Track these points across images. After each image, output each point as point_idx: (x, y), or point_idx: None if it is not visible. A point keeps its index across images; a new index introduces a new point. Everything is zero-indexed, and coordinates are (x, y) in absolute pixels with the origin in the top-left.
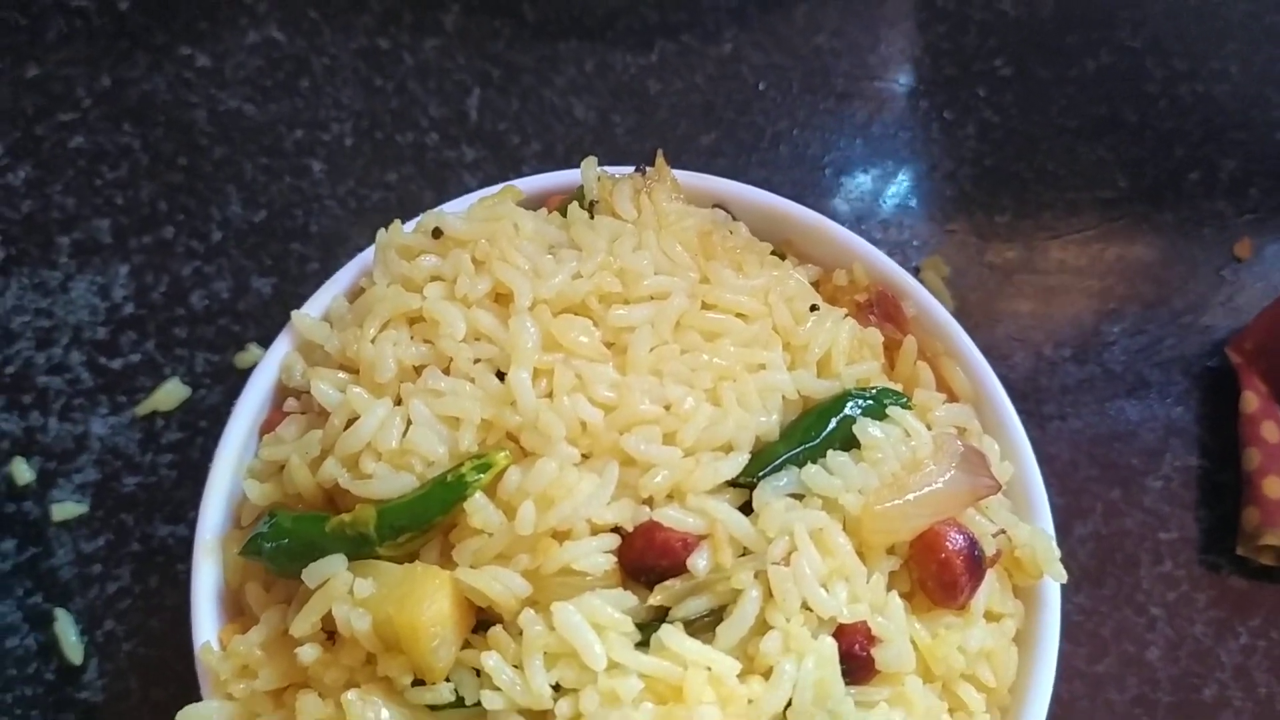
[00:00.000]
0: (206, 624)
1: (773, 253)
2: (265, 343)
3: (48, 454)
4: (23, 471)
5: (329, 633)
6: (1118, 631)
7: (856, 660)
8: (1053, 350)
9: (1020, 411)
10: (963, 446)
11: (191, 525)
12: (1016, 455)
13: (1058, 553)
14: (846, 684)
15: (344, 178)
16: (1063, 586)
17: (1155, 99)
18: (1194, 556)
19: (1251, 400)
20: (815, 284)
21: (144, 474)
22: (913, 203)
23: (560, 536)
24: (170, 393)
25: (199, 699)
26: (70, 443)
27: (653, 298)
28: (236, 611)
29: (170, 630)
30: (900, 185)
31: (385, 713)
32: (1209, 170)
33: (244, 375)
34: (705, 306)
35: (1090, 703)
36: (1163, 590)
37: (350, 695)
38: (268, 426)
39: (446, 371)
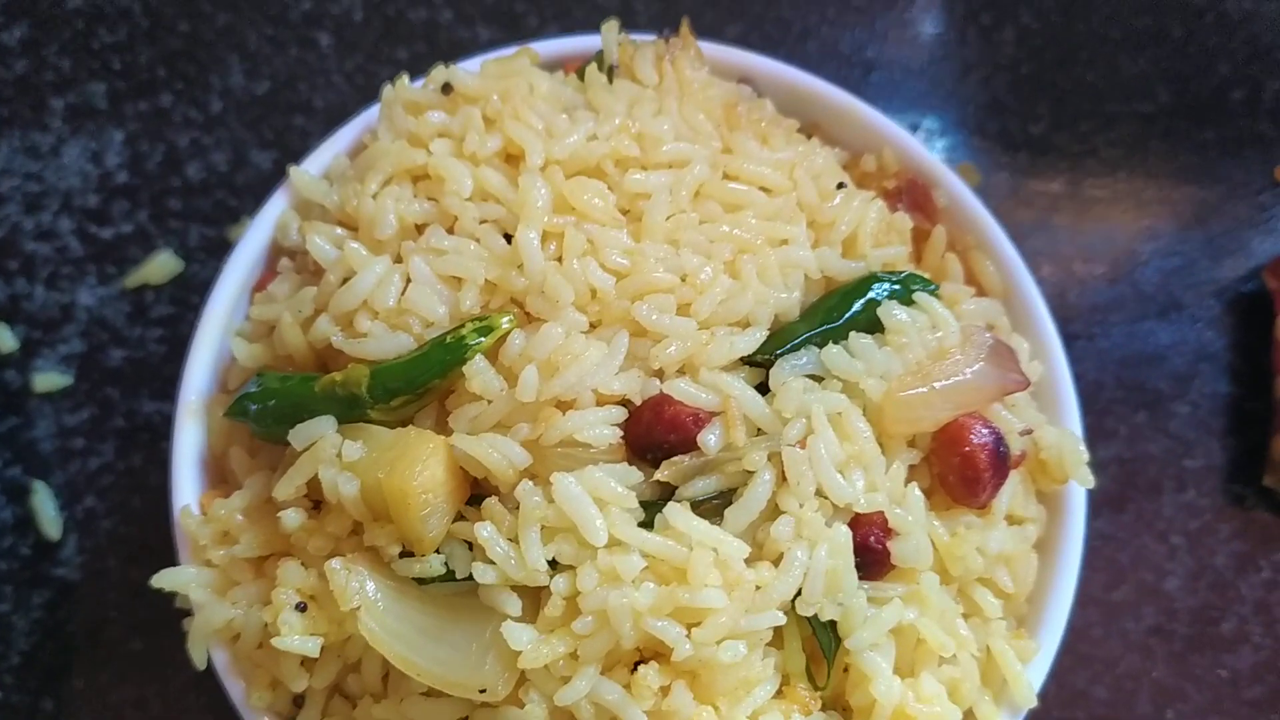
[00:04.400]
0: (187, 488)
1: (799, 130)
2: None
3: (32, 322)
4: (5, 339)
5: (315, 502)
6: (1136, 559)
7: (871, 553)
8: (1083, 267)
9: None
10: (992, 339)
11: None
12: (1047, 355)
13: (1086, 456)
14: (860, 578)
15: (352, 52)
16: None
17: (1201, 13)
18: (1219, 486)
19: None
20: (842, 169)
21: (131, 348)
22: (944, 108)
23: (564, 406)
24: (162, 265)
25: None
26: (56, 312)
27: (672, 165)
28: (219, 480)
29: (153, 509)
30: (932, 90)
31: (370, 584)
32: (1253, 90)
33: None
34: (727, 177)
35: (1104, 630)
36: (1185, 519)
37: (334, 564)
38: (260, 288)
39: (451, 231)
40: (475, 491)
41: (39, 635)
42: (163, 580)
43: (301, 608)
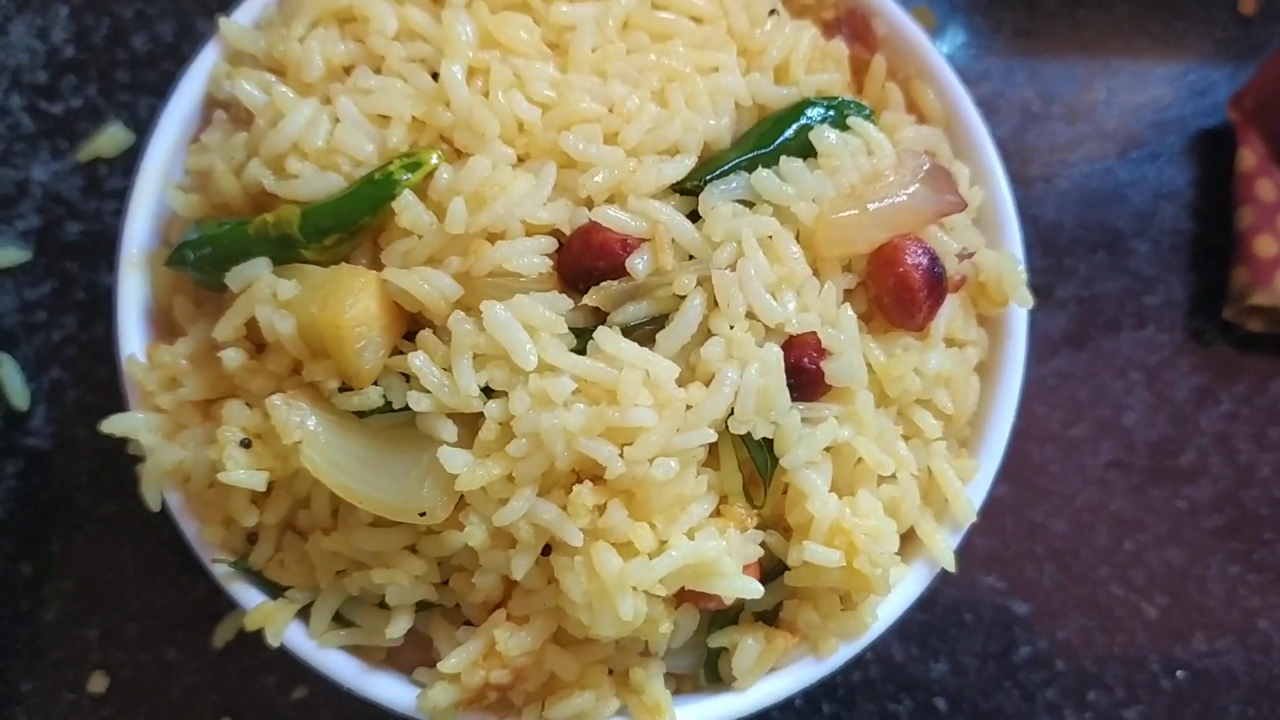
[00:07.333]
0: (133, 338)
1: None
2: None
3: None
4: None
5: (259, 346)
6: (1095, 396)
7: (805, 373)
8: (1041, 107)
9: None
10: (928, 162)
11: None
12: (987, 180)
13: (1024, 276)
14: (794, 399)
15: None
16: (1040, 350)
17: None
18: (1179, 321)
19: (1247, 157)
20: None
21: (88, 221)
22: None
23: (493, 237)
24: (113, 138)
25: None
26: (11, 189)
27: None
28: (168, 333)
29: (118, 378)
30: None
31: (312, 418)
32: None
33: None
34: (655, 7)
35: (1063, 466)
36: (1144, 355)
37: (276, 399)
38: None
39: (378, 71)
40: (413, 327)
41: (14, 503)
42: (113, 425)
43: (246, 444)
